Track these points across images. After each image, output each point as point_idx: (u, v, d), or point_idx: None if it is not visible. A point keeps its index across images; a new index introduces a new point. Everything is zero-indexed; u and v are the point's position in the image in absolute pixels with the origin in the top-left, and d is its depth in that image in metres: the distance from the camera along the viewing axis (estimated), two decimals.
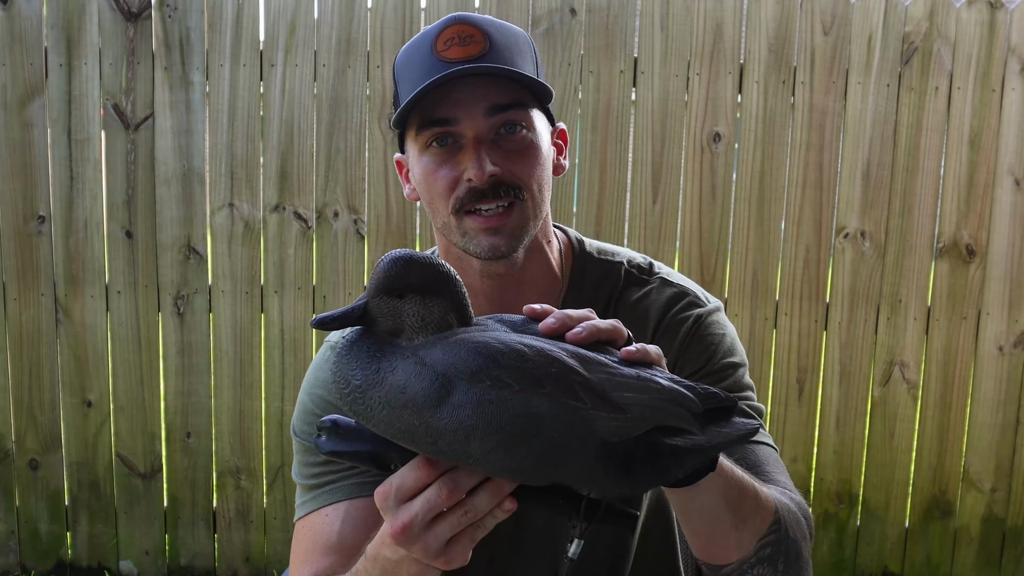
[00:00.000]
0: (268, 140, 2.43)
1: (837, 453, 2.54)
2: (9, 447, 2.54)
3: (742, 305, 2.47)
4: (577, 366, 0.74)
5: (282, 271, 2.46)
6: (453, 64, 0.99)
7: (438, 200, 1.03)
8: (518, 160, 1.02)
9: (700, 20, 2.38)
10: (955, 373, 2.51)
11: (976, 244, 2.46)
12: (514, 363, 0.73)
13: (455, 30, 1.00)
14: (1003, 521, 2.57)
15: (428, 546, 0.78)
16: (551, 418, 0.71)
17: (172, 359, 2.50)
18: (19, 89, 2.40)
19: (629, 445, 0.73)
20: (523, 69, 1.03)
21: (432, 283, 0.77)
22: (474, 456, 0.72)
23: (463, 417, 0.71)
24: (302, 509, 1.10)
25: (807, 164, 2.43)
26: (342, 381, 0.76)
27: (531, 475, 0.73)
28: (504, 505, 0.77)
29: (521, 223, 1.03)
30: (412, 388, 0.73)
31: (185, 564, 2.59)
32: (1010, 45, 2.39)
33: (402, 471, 0.78)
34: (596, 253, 1.16)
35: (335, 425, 0.80)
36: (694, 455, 0.75)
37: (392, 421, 0.74)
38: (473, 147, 1.00)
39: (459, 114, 1.00)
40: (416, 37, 1.05)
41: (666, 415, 0.74)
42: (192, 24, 2.39)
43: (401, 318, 0.77)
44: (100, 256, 2.46)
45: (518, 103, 1.02)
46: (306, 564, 1.06)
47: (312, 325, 0.77)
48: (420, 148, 1.04)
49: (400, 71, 1.06)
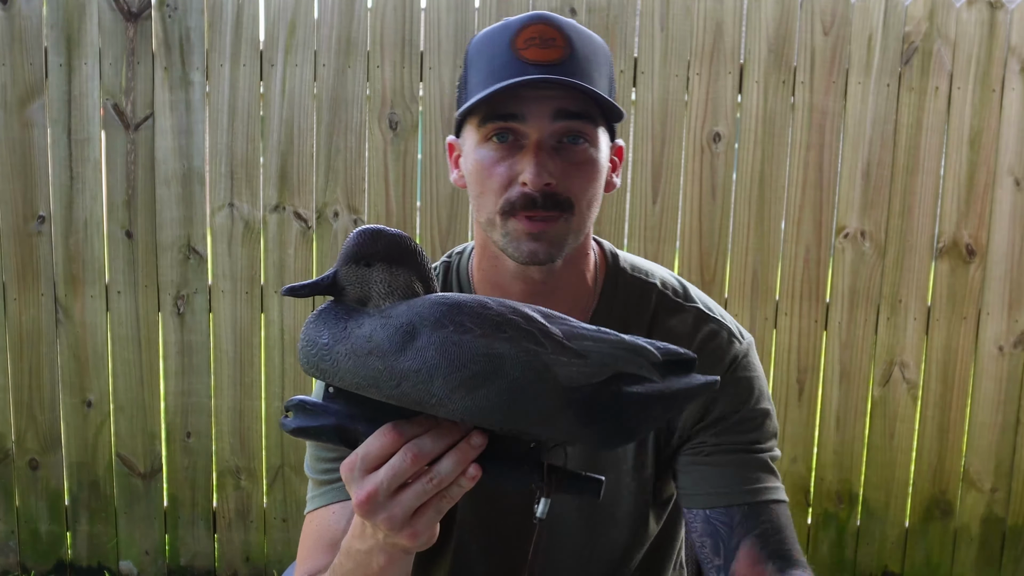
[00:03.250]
0: (268, 140, 2.43)
1: (837, 453, 2.54)
2: (9, 447, 2.54)
3: (742, 305, 2.47)
4: (538, 317, 0.77)
5: (282, 271, 2.47)
6: (530, 65, 0.97)
7: (488, 195, 1.01)
8: (575, 174, 1.00)
9: (700, 20, 2.38)
10: (955, 373, 2.51)
11: (976, 244, 2.46)
12: (476, 311, 0.76)
13: (538, 30, 0.99)
14: (1003, 521, 2.57)
15: (393, 516, 0.78)
16: (512, 359, 0.74)
17: (172, 359, 2.50)
18: (19, 89, 2.40)
19: (591, 393, 0.75)
20: (598, 83, 1.01)
21: (398, 254, 0.80)
22: (436, 396, 0.74)
23: (427, 357, 0.74)
24: (312, 503, 1.11)
25: (807, 164, 2.43)
26: (309, 344, 0.78)
27: (493, 416, 0.75)
28: (468, 472, 0.78)
29: (564, 234, 1.01)
30: (377, 336, 0.76)
31: (185, 564, 2.59)
32: (1010, 45, 2.40)
33: (368, 441, 0.79)
34: (629, 269, 1.14)
35: (301, 404, 0.81)
36: (657, 402, 0.77)
37: (357, 369, 0.76)
38: (534, 150, 0.98)
39: (526, 112, 0.98)
40: (496, 26, 1.02)
41: (625, 362, 0.77)
42: (192, 24, 2.39)
43: (368, 286, 0.79)
44: (100, 256, 2.46)
45: (586, 115, 1.00)
46: (309, 559, 1.07)
47: (282, 293, 0.79)
48: (480, 139, 1.02)
49: (473, 57, 1.04)
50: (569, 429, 0.76)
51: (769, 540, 1.05)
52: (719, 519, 1.07)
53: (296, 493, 2.55)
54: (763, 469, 1.08)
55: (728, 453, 1.08)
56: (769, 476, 1.09)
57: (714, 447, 1.08)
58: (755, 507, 1.06)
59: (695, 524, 1.09)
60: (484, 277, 1.11)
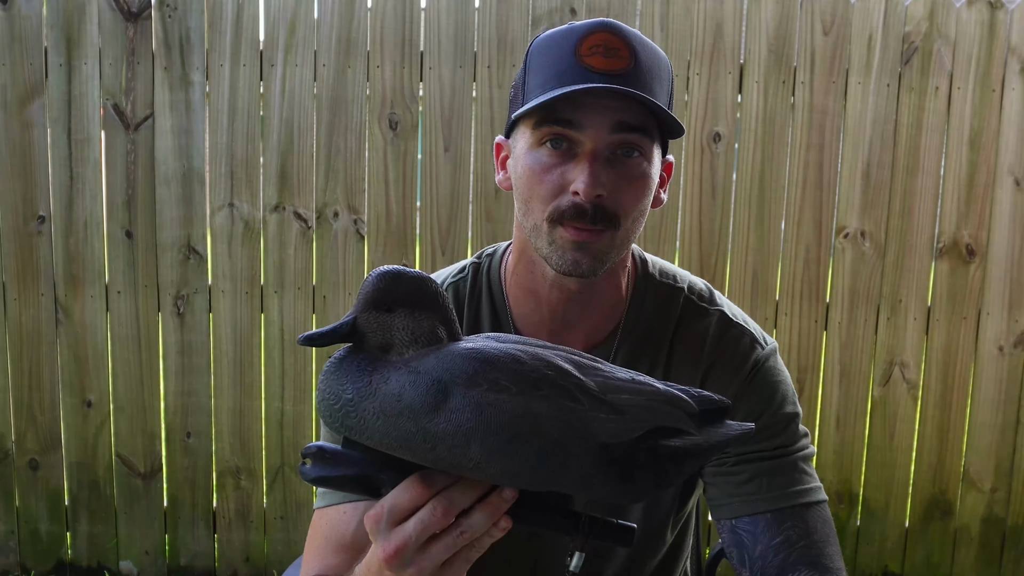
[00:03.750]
0: (268, 140, 2.43)
1: (837, 453, 2.54)
2: (9, 447, 2.54)
3: (742, 305, 2.47)
4: (573, 370, 0.74)
5: (282, 271, 2.47)
6: (594, 72, 0.95)
7: (536, 201, 0.99)
8: (627, 188, 0.98)
9: (700, 20, 2.38)
10: (955, 373, 2.51)
11: (976, 244, 2.46)
12: (510, 367, 0.72)
13: (603, 38, 0.97)
14: (1003, 521, 2.57)
15: (422, 569, 0.76)
16: (550, 419, 0.71)
17: (172, 359, 2.50)
18: (19, 89, 2.40)
19: (628, 448, 0.73)
20: (659, 97, 0.99)
21: (421, 297, 0.76)
22: (474, 460, 0.71)
23: (462, 420, 0.70)
24: (322, 499, 1.08)
25: (807, 164, 2.43)
26: (332, 397, 0.74)
27: (531, 479, 0.73)
28: (500, 523, 0.76)
29: (608, 249, 0.99)
30: (407, 395, 0.72)
31: (185, 564, 2.59)
32: (1010, 45, 2.40)
33: (394, 492, 0.76)
34: (658, 275, 1.13)
35: (320, 451, 0.78)
36: (693, 456, 0.75)
37: (388, 431, 0.72)
38: (589, 160, 0.96)
39: (584, 121, 0.96)
40: (561, 29, 1.00)
41: (663, 416, 0.74)
42: (192, 24, 2.39)
43: (391, 332, 0.75)
44: (100, 256, 2.46)
45: (644, 129, 0.98)
46: (317, 558, 1.05)
47: (299, 342, 0.75)
48: (533, 143, 1.00)
49: (535, 59, 1.01)
50: (606, 487, 0.74)
51: (794, 546, 1.03)
52: (744, 528, 1.06)
53: (296, 493, 2.55)
54: (792, 471, 1.07)
55: (752, 462, 1.07)
56: (800, 477, 1.07)
57: (738, 456, 1.07)
58: (779, 514, 1.05)
59: (724, 535, 1.08)
60: (519, 282, 1.09)
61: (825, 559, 1.03)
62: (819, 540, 1.04)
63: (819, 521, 1.06)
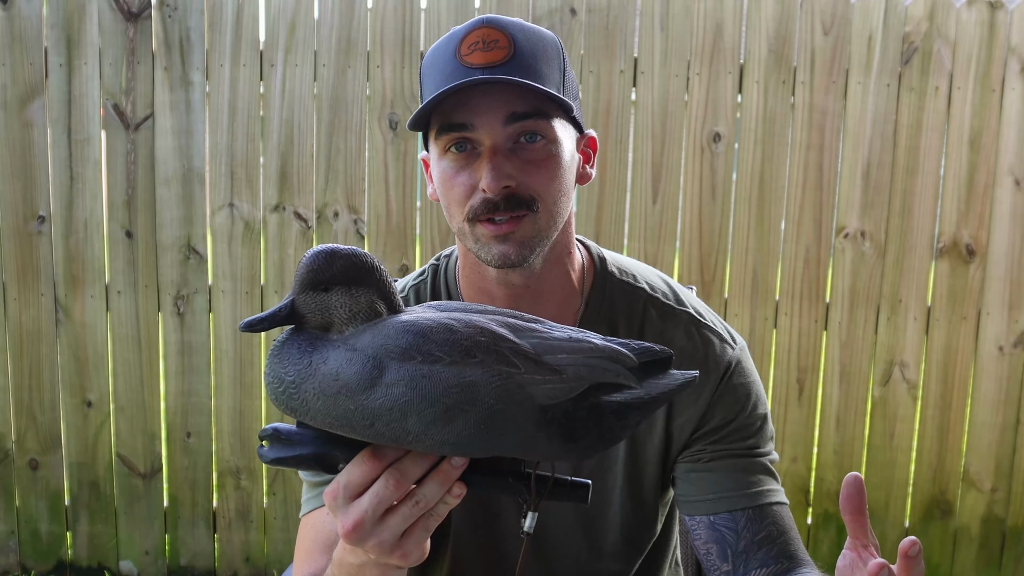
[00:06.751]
0: (268, 140, 2.43)
1: (837, 453, 2.54)
2: (9, 447, 2.54)
3: (742, 305, 2.47)
4: (508, 334, 0.74)
5: (282, 271, 2.47)
6: (474, 69, 0.97)
7: (454, 206, 1.02)
8: (534, 172, 1.00)
9: (700, 20, 2.38)
10: (955, 373, 2.51)
11: (976, 244, 2.46)
12: (442, 336, 0.73)
13: (480, 34, 0.98)
14: (1003, 521, 2.57)
15: (382, 541, 0.78)
16: (485, 386, 0.72)
17: (172, 359, 2.50)
18: (19, 89, 2.40)
19: (569, 408, 0.74)
20: (548, 77, 1.00)
21: (356, 273, 0.76)
22: (413, 433, 0.72)
23: (397, 394, 0.71)
24: (307, 505, 1.11)
25: (807, 164, 2.43)
26: (276, 380, 0.75)
27: (473, 446, 0.73)
28: (453, 490, 0.77)
29: (532, 233, 1.00)
30: (344, 373, 0.72)
31: (185, 564, 2.59)
32: (1010, 45, 2.40)
33: (348, 468, 0.78)
34: (617, 273, 1.14)
35: (276, 432, 0.79)
36: (635, 410, 0.75)
37: (328, 410, 0.73)
38: (489, 156, 0.98)
39: (476, 121, 0.98)
40: (445, 37, 1.02)
41: (602, 372, 0.75)
42: (192, 24, 2.39)
43: (329, 311, 0.76)
44: (100, 256, 2.46)
45: (538, 112, 0.99)
46: (307, 562, 1.07)
47: (240, 328, 0.76)
48: (439, 152, 1.02)
49: (425, 71, 1.04)
50: (550, 448, 0.74)
51: (776, 542, 1.06)
52: (724, 524, 1.07)
53: (296, 493, 2.55)
54: (763, 472, 1.09)
55: (728, 459, 1.08)
56: (769, 479, 1.10)
57: (713, 454, 1.09)
58: (759, 510, 1.07)
59: (699, 531, 1.09)
60: (469, 283, 1.11)
61: (801, 553, 1.07)
62: (794, 536, 1.08)
63: (790, 519, 1.10)
